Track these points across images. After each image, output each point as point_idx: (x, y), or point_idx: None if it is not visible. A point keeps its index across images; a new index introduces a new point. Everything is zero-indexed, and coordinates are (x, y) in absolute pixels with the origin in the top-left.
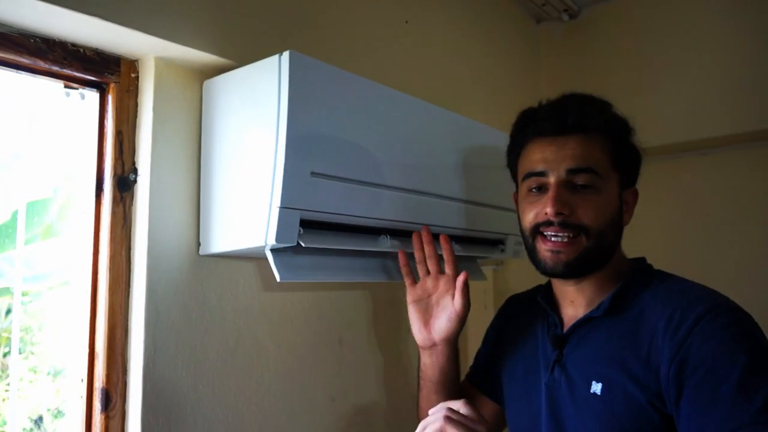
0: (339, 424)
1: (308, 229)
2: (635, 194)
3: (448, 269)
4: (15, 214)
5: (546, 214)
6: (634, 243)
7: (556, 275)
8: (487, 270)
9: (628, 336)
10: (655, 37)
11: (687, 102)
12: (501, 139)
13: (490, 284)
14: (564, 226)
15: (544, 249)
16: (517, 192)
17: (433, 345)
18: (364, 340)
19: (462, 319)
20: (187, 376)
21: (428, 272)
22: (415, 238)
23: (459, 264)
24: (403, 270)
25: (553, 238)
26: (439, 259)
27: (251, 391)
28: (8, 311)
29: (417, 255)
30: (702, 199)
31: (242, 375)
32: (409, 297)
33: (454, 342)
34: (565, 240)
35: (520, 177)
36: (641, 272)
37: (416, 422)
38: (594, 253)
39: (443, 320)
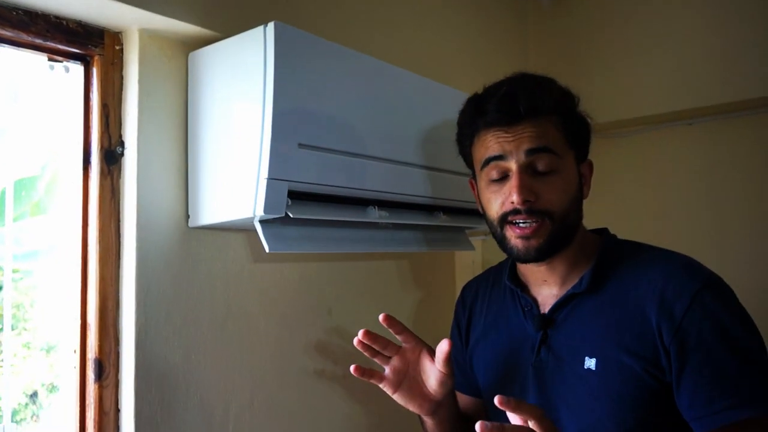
0: (329, 393)
1: (296, 200)
2: (590, 166)
3: (402, 339)
4: (3, 192)
5: (512, 203)
6: (619, 216)
7: (529, 261)
8: (476, 240)
9: (617, 309)
10: (643, 5)
11: (674, 71)
12: None
13: (478, 255)
14: (530, 213)
15: (514, 237)
16: (474, 180)
17: (439, 406)
18: (353, 309)
19: (453, 376)
20: (179, 346)
21: (388, 358)
22: (360, 346)
23: (447, 234)
24: (365, 376)
25: (521, 224)
26: (387, 342)
27: (242, 361)
28: (1, 288)
29: (369, 354)
30: (687, 169)
31: (233, 345)
32: (389, 390)
33: (452, 392)
34: (534, 225)
35: (477, 165)
36: (612, 243)
37: None
38: (561, 234)
39: (434, 383)
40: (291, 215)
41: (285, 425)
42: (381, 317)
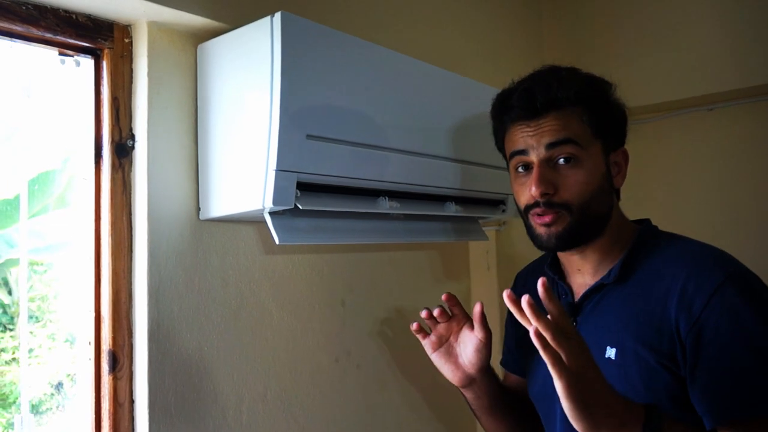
0: (342, 383)
1: (306, 191)
2: (625, 154)
3: (454, 310)
4: (28, 183)
5: (533, 196)
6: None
7: (551, 249)
8: (489, 231)
9: (640, 301)
10: None
11: (692, 56)
12: None
13: (492, 245)
14: (549, 206)
15: (537, 225)
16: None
17: (472, 380)
18: (365, 300)
19: (488, 345)
20: (192, 338)
21: (437, 323)
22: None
23: (460, 224)
24: (416, 332)
25: (541, 214)
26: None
27: (255, 352)
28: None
29: (424, 315)
30: (706, 155)
31: (246, 336)
32: (429, 349)
33: (489, 368)
34: (552, 215)
35: (508, 157)
36: (648, 235)
37: (418, 382)
38: (581, 225)
39: (471, 353)
40: (300, 207)
41: (298, 416)
42: (444, 297)
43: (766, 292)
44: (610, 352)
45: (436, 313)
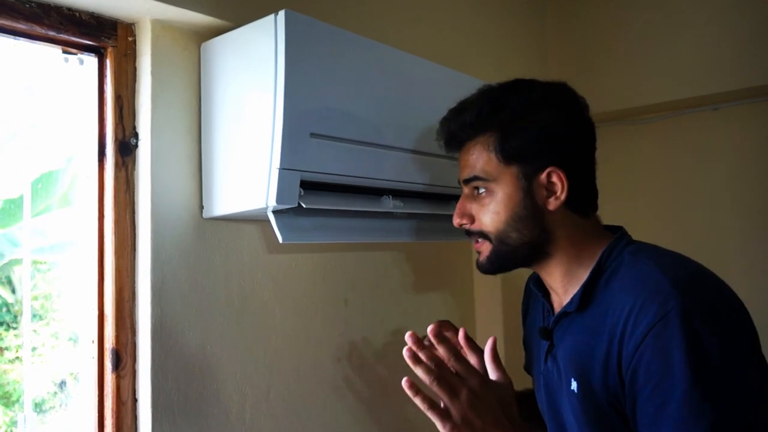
0: (345, 383)
1: (309, 190)
2: (557, 174)
3: (469, 357)
4: (31, 184)
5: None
6: (643, 203)
7: (483, 273)
8: None
9: (595, 335)
10: None
11: (698, 54)
12: None
13: None
14: (469, 233)
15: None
16: None
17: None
18: (369, 300)
19: (501, 369)
20: (195, 337)
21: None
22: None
23: None
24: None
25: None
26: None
27: (258, 351)
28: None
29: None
30: (712, 155)
31: (249, 335)
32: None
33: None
34: (477, 243)
35: None
36: (611, 255)
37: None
38: (504, 253)
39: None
40: (304, 205)
41: (301, 415)
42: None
43: (714, 329)
44: (574, 385)
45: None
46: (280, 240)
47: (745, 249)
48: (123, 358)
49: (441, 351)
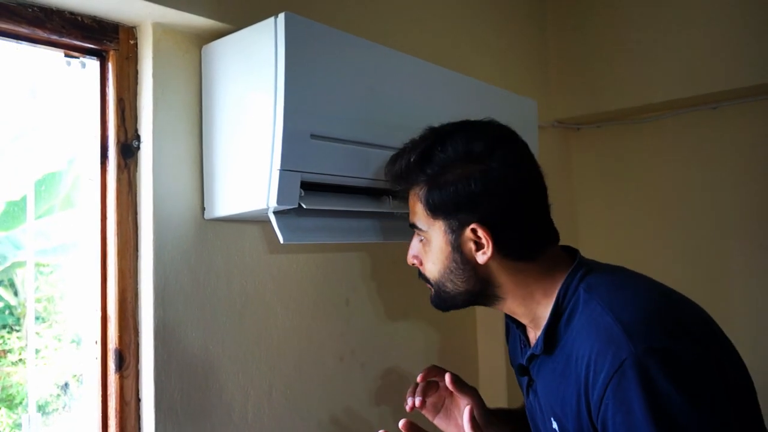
0: (347, 382)
1: (310, 191)
2: (480, 230)
3: (438, 380)
4: (34, 185)
5: None
6: (642, 202)
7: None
8: None
9: (563, 378)
10: None
11: (696, 53)
12: (503, 98)
13: None
14: (420, 275)
15: None
16: None
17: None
18: (370, 299)
19: (479, 403)
20: (197, 337)
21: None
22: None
23: None
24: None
25: None
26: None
27: (260, 351)
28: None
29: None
30: (711, 154)
31: (251, 335)
32: (429, 417)
33: (494, 418)
34: (425, 282)
35: None
36: (568, 291)
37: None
38: (446, 298)
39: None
40: (304, 206)
41: (303, 414)
42: (419, 378)
43: (676, 372)
44: (555, 425)
45: (418, 394)
46: (281, 240)
47: (745, 248)
48: (126, 359)
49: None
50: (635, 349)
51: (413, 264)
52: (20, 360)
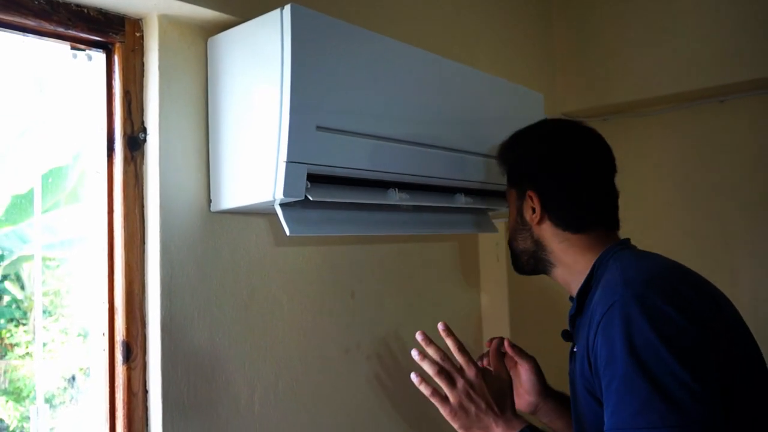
0: (353, 374)
1: (316, 183)
2: (531, 196)
3: (507, 352)
4: (42, 179)
5: None
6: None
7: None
8: (499, 223)
9: (585, 336)
10: None
11: (704, 45)
12: (509, 91)
13: (502, 237)
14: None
15: None
16: None
17: (537, 405)
18: (375, 292)
19: (535, 372)
20: (204, 328)
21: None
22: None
23: (470, 216)
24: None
25: None
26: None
27: (266, 343)
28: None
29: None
30: (719, 148)
31: (257, 327)
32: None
33: (551, 391)
34: None
35: None
36: (602, 262)
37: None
38: (514, 256)
39: (525, 380)
40: (311, 198)
41: (309, 406)
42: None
43: (653, 314)
44: (580, 383)
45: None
46: (288, 233)
47: (751, 241)
48: (133, 351)
49: (449, 343)
50: (624, 294)
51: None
52: (27, 353)
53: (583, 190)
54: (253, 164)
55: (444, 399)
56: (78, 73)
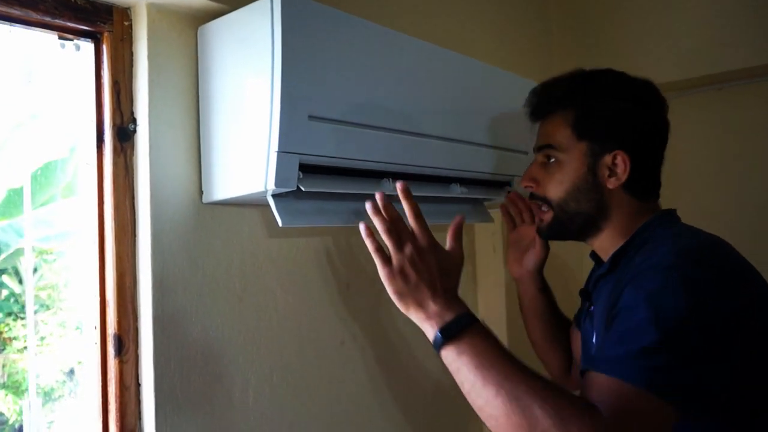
0: (348, 366)
1: (308, 173)
2: (621, 157)
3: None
4: (32, 176)
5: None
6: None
7: (542, 237)
8: (495, 212)
9: (614, 292)
10: None
11: (700, 33)
12: (506, 80)
13: (498, 227)
14: (533, 197)
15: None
16: None
17: (522, 276)
18: (370, 283)
19: (541, 256)
20: (197, 321)
21: (523, 221)
22: (513, 196)
23: (465, 206)
24: (505, 218)
25: (535, 205)
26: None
27: (260, 335)
28: (35, 270)
29: (513, 209)
30: (715, 136)
31: (251, 319)
32: (511, 238)
33: (538, 274)
34: (541, 209)
35: None
36: (650, 227)
37: (423, 366)
38: (562, 220)
39: (530, 256)
40: (303, 189)
41: (304, 399)
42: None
43: (693, 286)
44: (597, 340)
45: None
46: (280, 223)
47: (750, 230)
48: (125, 344)
49: (405, 206)
50: (670, 256)
51: (527, 186)
52: (25, 347)
53: (660, 156)
54: (245, 154)
55: (387, 259)
56: (66, 64)
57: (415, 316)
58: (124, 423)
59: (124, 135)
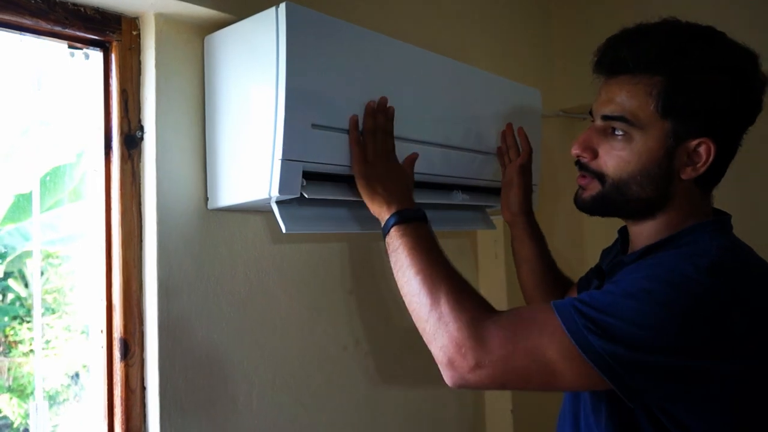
0: (351, 371)
1: (312, 180)
2: (707, 146)
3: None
4: (41, 181)
5: (572, 153)
6: None
7: (578, 208)
8: (497, 219)
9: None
10: None
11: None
12: (507, 88)
13: (500, 234)
14: (582, 168)
15: (577, 182)
16: None
17: (512, 219)
18: (373, 289)
19: (520, 196)
20: (201, 326)
21: (510, 160)
22: (505, 130)
23: (467, 213)
24: (499, 160)
25: (580, 174)
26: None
27: (264, 340)
28: (42, 273)
29: (504, 146)
30: None
31: (255, 324)
32: (502, 181)
33: (526, 217)
34: (586, 179)
35: None
36: (695, 232)
37: (426, 371)
38: (611, 199)
39: (512, 196)
40: (306, 195)
41: (308, 403)
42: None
43: (696, 292)
44: None
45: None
46: (284, 230)
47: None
48: (131, 348)
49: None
50: (692, 269)
51: (581, 156)
52: (31, 350)
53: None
54: (250, 162)
55: (363, 150)
56: (75, 72)
57: (378, 200)
58: (129, 426)
59: (132, 142)
